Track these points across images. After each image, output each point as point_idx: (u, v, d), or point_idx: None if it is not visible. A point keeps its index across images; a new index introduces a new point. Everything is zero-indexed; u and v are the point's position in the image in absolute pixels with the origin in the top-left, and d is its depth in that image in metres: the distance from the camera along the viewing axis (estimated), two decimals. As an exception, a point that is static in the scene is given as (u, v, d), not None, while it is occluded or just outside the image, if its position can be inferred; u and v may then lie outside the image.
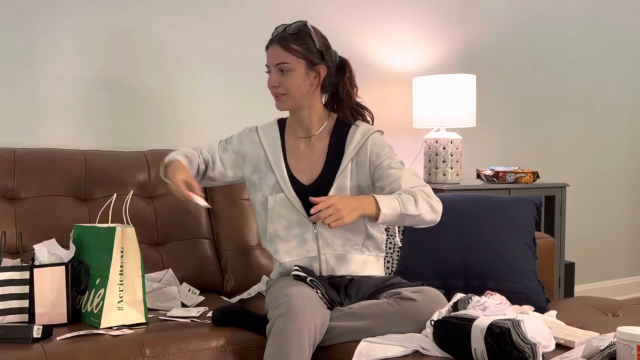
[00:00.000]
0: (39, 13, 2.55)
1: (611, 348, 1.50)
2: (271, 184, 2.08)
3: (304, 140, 2.12)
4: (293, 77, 2.03)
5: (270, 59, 2.05)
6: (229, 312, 1.95)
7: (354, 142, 2.07)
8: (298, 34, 2.02)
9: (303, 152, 2.11)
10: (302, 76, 2.03)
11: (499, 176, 3.21)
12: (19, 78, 2.53)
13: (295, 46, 2.02)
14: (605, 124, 4.16)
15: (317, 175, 2.08)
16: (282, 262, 2.07)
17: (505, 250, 2.22)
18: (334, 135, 2.11)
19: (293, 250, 2.06)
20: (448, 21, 3.53)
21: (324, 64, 2.05)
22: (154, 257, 2.37)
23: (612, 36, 4.14)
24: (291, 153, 2.11)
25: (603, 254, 4.16)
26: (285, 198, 2.05)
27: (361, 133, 2.08)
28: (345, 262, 2.06)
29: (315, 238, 2.05)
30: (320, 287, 1.94)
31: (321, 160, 2.09)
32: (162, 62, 2.79)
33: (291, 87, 2.03)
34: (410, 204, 1.89)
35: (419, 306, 1.82)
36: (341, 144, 2.09)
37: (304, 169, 2.09)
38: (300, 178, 2.08)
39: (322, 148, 2.11)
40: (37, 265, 1.91)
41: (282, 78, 2.03)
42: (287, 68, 2.02)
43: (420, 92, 3.21)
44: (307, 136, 2.12)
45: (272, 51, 2.05)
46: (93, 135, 2.65)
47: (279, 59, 2.02)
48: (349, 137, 2.09)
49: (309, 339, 1.72)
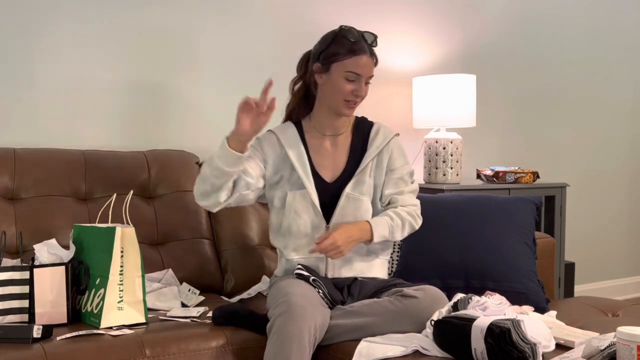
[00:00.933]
0: (39, 14, 2.55)
1: (611, 348, 1.50)
2: (293, 181, 2.09)
3: (329, 138, 2.15)
4: (368, 86, 2.10)
5: (366, 70, 2.06)
6: (229, 312, 1.95)
7: (377, 142, 2.13)
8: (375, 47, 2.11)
9: (327, 149, 2.14)
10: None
11: (499, 176, 3.21)
12: (19, 78, 2.53)
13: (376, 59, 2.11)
14: (605, 124, 4.16)
15: (340, 172, 2.11)
16: (289, 258, 2.08)
17: (505, 250, 2.21)
18: (356, 133, 2.16)
19: (302, 248, 2.07)
20: (448, 21, 3.53)
21: None
22: (154, 257, 2.37)
23: (612, 36, 4.14)
24: (315, 150, 2.13)
25: (603, 254, 4.16)
26: (305, 194, 2.05)
27: (383, 134, 2.15)
28: (350, 265, 2.08)
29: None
30: (323, 287, 1.95)
31: (344, 158, 2.13)
32: (162, 62, 2.79)
33: (365, 96, 2.10)
34: (397, 231, 2.08)
35: (420, 304, 1.83)
36: (363, 143, 2.14)
37: (328, 166, 2.12)
38: (323, 175, 2.11)
39: (345, 146, 2.14)
40: (37, 265, 1.91)
41: (365, 88, 2.09)
42: (370, 80, 2.09)
43: (420, 92, 3.21)
44: (335, 134, 2.15)
45: (367, 63, 2.06)
46: (93, 135, 2.65)
47: (371, 72, 2.08)
48: (371, 136, 2.14)
49: (309, 338, 1.73)
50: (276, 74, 3.01)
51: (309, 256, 2.06)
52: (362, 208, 2.07)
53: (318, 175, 2.10)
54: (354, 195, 2.06)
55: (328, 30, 2.13)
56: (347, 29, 2.06)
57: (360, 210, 2.06)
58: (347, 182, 2.08)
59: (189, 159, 2.63)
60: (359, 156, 2.12)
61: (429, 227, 2.22)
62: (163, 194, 2.52)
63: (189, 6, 2.84)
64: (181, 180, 2.54)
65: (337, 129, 2.15)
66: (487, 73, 3.59)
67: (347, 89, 2.04)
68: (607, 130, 4.17)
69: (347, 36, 2.04)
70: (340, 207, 2.05)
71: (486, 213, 2.31)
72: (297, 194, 2.06)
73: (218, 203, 2.00)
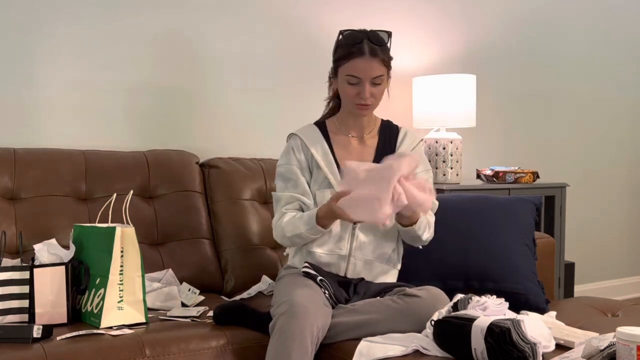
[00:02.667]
0: (40, 14, 2.55)
1: (611, 348, 1.50)
2: (320, 180, 2.09)
3: (355, 139, 2.16)
4: (382, 87, 2.07)
5: (366, 72, 2.02)
6: (230, 310, 1.95)
7: (404, 144, 2.15)
8: (385, 45, 2.05)
9: (355, 148, 2.15)
10: (385, 84, 2.08)
11: (499, 176, 3.21)
12: (19, 78, 2.53)
13: (386, 58, 2.04)
14: (605, 124, 4.16)
15: None
16: (312, 250, 2.05)
17: (505, 250, 2.21)
18: (382, 135, 2.17)
19: (326, 244, 2.05)
20: (448, 21, 3.53)
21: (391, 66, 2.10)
22: (154, 257, 2.37)
23: (612, 36, 4.14)
24: (341, 149, 2.13)
25: (603, 254, 4.16)
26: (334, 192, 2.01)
27: (411, 139, 2.17)
28: (371, 269, 2.07)
29: (350, 238, 2.05)
30: (329, 288, 1.94)
31: (371, 158, 2.13)
32: (162, 62, 2.79)
33: (379, 96, 2.08)
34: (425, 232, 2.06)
35: (421, 302, 1.83)
36: (391, 144, 2.15)
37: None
38: None
39: (372, 146, 2.16)
40: (37, 265, 1.91)
41: (374, 89, 2.05)
42: (380, 80, 2.04)
43: (420, 92, 3.21)
44: (360, 135, 2.16)
45: (366, 64, 2.01)
46: (93, 135, 2.65)
47: (376, 72, 2.02)
48: (399, 140, 2.16)
49: (311, 338, 1.73)
50: (276, 74, 3.04)
51: (332, 253, 2.04)
52: None
53: None
54: None
55: (327, 30, 2.13)
56: (346, 33, 2.05)
57: None
58: None
59: (189, 159, 2.63)
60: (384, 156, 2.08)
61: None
62: (163, 194, 2.52)
63: (189, 6, 2.84)
64: (181, 180, 2.55)
65: (362, 130, 2.15)
66: (487, 73, 3.59)
67: (351, 93, 2.04)
68: (607, 130, 4.17)
69: (344, 40, 2.04)
70: None
71: (486, 213, 2.31)
72: (327, 192, 2.05)
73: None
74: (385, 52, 2.05)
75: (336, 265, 2.05)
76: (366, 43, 2.01)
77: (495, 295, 1.81)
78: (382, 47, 2.03)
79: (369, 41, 2.01)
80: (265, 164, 2.67)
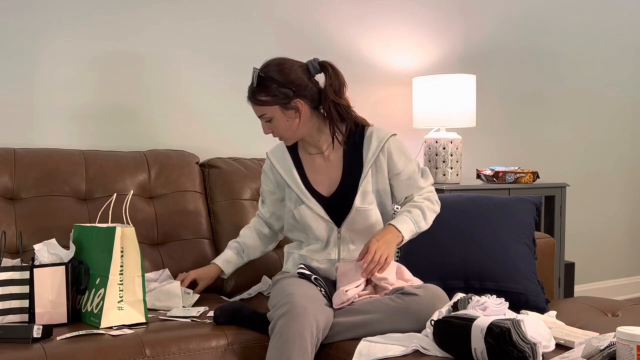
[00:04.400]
0: (40, 14, 2.55)
1: (611, 348, 1.50)
2: (294, 199, 2.12)
3: (318, 156, 2.15)
4: (277, 123, 2.07)
5: (256, 112, 2.10)
6: (231, 310, 1.95)
7: (371, 148, 2.08)
8: (260, 86, 2.02)
9: (320, 165, 2.13)
10: (283, 119, 2.05)
11: (499, 176, 3.21)
12: (19, 78, 2.53)
13: (262, 97, 2.03)
14: (605, 124, 4.16)
15: (337, 186, 2.10)
16: (303, 254, 2.11)
17: (504, 250, 2.21)
18: (347, 143, 2.11)
19: (316, 250, 2.10)
20: (448, 21, 3.53)
21: (297, 97, 2.03)
22: (154, 257, 2.37)
23: (612, 36, 4.14)
24: (309, 167, 2.14)
25: (603, 254, 4.16)
26: (307, 209, 2.08)
27: (377, 139, 2.09)
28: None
29: (337, 243, 2.08)
30: (324, 286, 1.95)
31: (339, 171, 2.11)
32: (163, 61, 2.79)
33: (281, 131, 2.08)
34: (420, 220, 2.07)
35: (420, 301, 1.83)
36: (358, 151, 2.10)
37: (323, 181, 2.12)
38: (320, 190, 2.11)
39: (338, 159, 2.12)
40: (37, 265, 1.91)
41: (271, 125, 2.08)
42: (267, 118, 2.06)
43: (420, 92, 3.21)
44: (320, 152, 2.14)
45: (252, 106, 2.09)
46: (93, 135, 2.65)
47: (258, 112, 2.08)
48: (365, 143, 2.10)
49: (311, 339, 1.73)
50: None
51: (322, 259, 2.09)
52: (372, 217, 2.07)
53: (315, 191, 2.11)
54: (363, 207, 2.06)
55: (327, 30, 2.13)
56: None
57: (370, 219, 2.07)
58: (345, 195, 2.07)
59: (189, 159, 2.63)
60: (354, 166, 2.10)
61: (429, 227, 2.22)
62: (163, 194, 2.52)
63: (188, 7, 2.84)
64: (181, 180, 2.55)
65: (319, 147, 2.14)
66: (487, 73, 3.59)
67: None
68: (607, 130, 4.17)
69: None
70: (350, 219, 2.06)
71: (486, 213, 2.30)
72: (301, 208, 2.09)
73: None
74: (260, 93, 2.02)
75: (327, 270, 2.07)
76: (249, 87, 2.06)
77: (495, 295, 1.81)
78: (255, 88, 2.03)
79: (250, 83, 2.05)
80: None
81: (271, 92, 2.02)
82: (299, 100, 2.03)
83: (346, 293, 1.91)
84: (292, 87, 2.02)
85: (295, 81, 2.03)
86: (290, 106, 2.03)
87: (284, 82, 2.01)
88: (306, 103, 2.04)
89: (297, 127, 2.06)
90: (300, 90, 2.03)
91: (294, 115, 2.04)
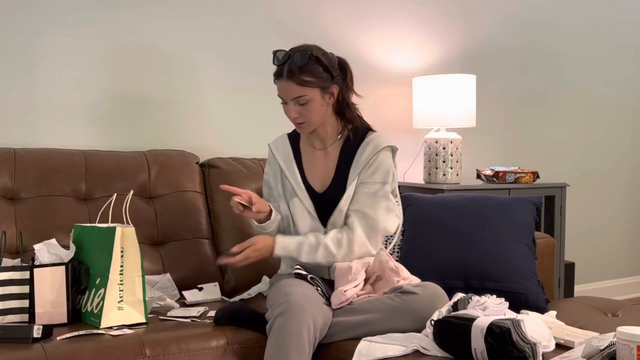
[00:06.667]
0: (40, 13, 2.55)
1: (611, 348, 1.50)
2: (289, 191, 2.13)
3: (320, 150, 2.17)
4: (312, 106, 2.05)
5: (285, 93, 2.04)
6: (230, 311, 1.95)
7: (364, 156, 2.09)
8: (307, 65, 2.02)
9: (319, 159, 2.16)
10: (319, 102, 2.06)
11: (499, 176, 3.21)
12: (19, 78, 2.53)
13: (307, 78, 2.02)
14: (605, 124, 4.16)
15: (329, 184, 2.12)
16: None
17: (504, 250, 2.21)
18: (346, 146, 2.14)
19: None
20: (448, 21, 3.53)
21: (334, 83, 2.07)
22: (154, 257, 2.37)
23: (612, 36, 4.14)
24: (307, 160, 2.16)
25: (603, 254, 4.16)
26: (299, 202, 2.10)
27: (371, 147, 2.10)
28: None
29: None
30: (321, 285, 1.96)
31: (333, 169, 2.13)
32: (163, 61, 2.79)
33: (311, 115, 2.06)
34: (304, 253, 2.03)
35: (420, 299, 1.83)
36: (351, 156, 2.12)
37: (319, 175, 2.14)
38: (314, 184, 2.13)
39: (335, 156, 2.15)
40: (37, 265, 1.91)
41: (301, 109, 2.05)
42: (305, 100, 2.04)
43: (420, 92, 3.21)
44: (323, 148, 2.16)
45: (284, 86, 2.04)
46: (93, 135, 2.65)
47: (295, 93, 2.03)
48: (359, 150, 2.11)
49: (308, 337, 1.73)
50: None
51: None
52: None
53: (309, 185, 2.13)
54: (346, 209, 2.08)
55: (327, 30, 2.13)
56: (274, 53, 2.07)
57: None
58: (335, 194, 2.09)
59: (189, 159, 2.63)
60: (345, 169, 2.11)
61: (429, 227, 2.22)
62: (163, 194, 2.52)
63: (189, 7, 2.84)
64: (181, 180, 2.55)
65: (324, 142, 2.16)
66: (487, 73, 3.59)
67: (284, 111, 2.09)
68: (606, 130, 4.17)
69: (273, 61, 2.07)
70: (333, 219, 2.08)
71: (486, 213, 2.30)
72: (294, 201, 2.11)
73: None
74: (305, 73, 2.01)
75: (319, 271, 2.08)
76: (287, 64, 2.02)
77: (495, 295, 1.81)
78: (301, 67, 2.01)
79: (289, 62, 2.02)
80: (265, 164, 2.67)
81: (316, 74, 2.03)
82: (334, 86, 2.07)
83: (345, 293, 1.91)
84: (332, 73, 2.06)
85: (334, 67, 2.08)
86: (327, 91, 2.06)
87: (327, 66, 2.05)
88: (338, 90, 2.09)
89: (324, 112, 2.08)
90: (336, 77, 2.08)
91: (328, 100, 2.08)
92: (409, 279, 2.00)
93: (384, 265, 2.00)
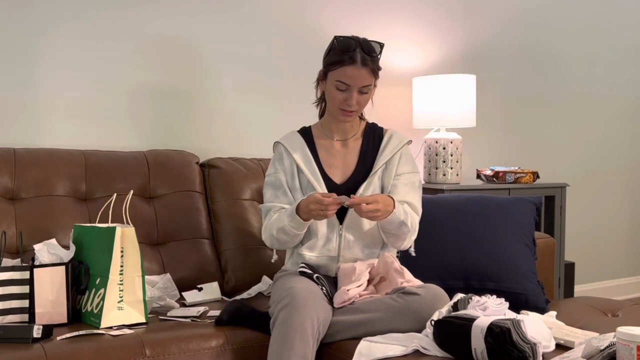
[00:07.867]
0: (41, 14, 2.55)
1: (611, 348, 1.50)
2: (304, 184, 2.12)
3: (339, 142, 2.18)
4: (368, 96, 2.10)
5: (355, 80, 2.04)
6: (231, 311, 1.95)
7: (389, 148, 2.15)
8: (377, 56, 2.07)
9: (338, 151, 2.17)
10: (372, 93, 2.11)
11: (499, 176, 3.21)
12: (19, 78, 2.53)
13: (375, 67, 2.07)
14: (605, 124, 4.16)
15: (350, 174, 2.13)
16: (302, 253, 2.09)
17: (504, 250, 2.21)
18: (366, 138, 2.18)
19: (315, 246, 2.09)
20: (448, 21, 3.53)
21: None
22: (154, 257, 2.37)
23: (612, 36, 4.14)
24: (325, 151, 2.17)
25: (603, 254, 4.16)
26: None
27: (396, 141, 2.17)
28: None
29: (338, 239, 2.08)
30: (325, 285, 1.96)
31: (354, 160, 2.15)
32: (163, 62, 2.79)
33: (364, 105, 2.12)
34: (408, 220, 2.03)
35: (421, 300, 1.83)
36: (375, 148, 2.16)
37: (339, 166, 2.15)
38: (333, 175, 2.13)
39: (356, 149, 2.17)
40: (37, 265, 1.91)
41: (360, 97, 2.08)
42: (368, 90, 2.08)
43: (420, 92, 3.21)
44: (344, 139, 2.18)
45: (357, 73, 2.04)
46: (93, 135, 2.65)
47: (366, 81, 2.05)
48: (384, 142, 2.17)
49: (312, 330, 1.74)
50: (276, 75, 3.04)
51: (321, 255, 2.08)
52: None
53: (328, 177, 2.12)
54: None
55: (326, 30, 2.14)
56: (340, 39, 2.07)
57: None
58: (356, 184, 2.10)
59: (189, 159, 2.63)
60: (369, 160, 2.15)
61: (429, 227, 2.22)
62: (163, 194, 2.51)
63: (191, 8, 2.84)
64: (181, 180, 2.55)
65: (345, 134, 2.18)
66: (487, 73, 3.59)
67: (338, 98, 2.07)
68: (607, 130, 4.17)
69: (338, 46, 2.05)
70: (352, 210, 2.06)
71: (486, 213, 2.30)
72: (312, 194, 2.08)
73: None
74: (376, 62, 2.07)
75: (327, 267, 2.08)
76: (359, 51, 2.03)
77: (495, 295, 1.81)
78: (373, 56, 2.05)
79: (361, 50, 2.03)
80: (265, 164, 2.67)
81: (378, 65, 2.09)
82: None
83: (347, 292, 1.91)
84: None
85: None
86: (376, 84, 2.12)
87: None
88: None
89: None
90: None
91: (373, 90, 2.12)
92: (412, 281, 2.00)
93: (389, 267, 2.00)
